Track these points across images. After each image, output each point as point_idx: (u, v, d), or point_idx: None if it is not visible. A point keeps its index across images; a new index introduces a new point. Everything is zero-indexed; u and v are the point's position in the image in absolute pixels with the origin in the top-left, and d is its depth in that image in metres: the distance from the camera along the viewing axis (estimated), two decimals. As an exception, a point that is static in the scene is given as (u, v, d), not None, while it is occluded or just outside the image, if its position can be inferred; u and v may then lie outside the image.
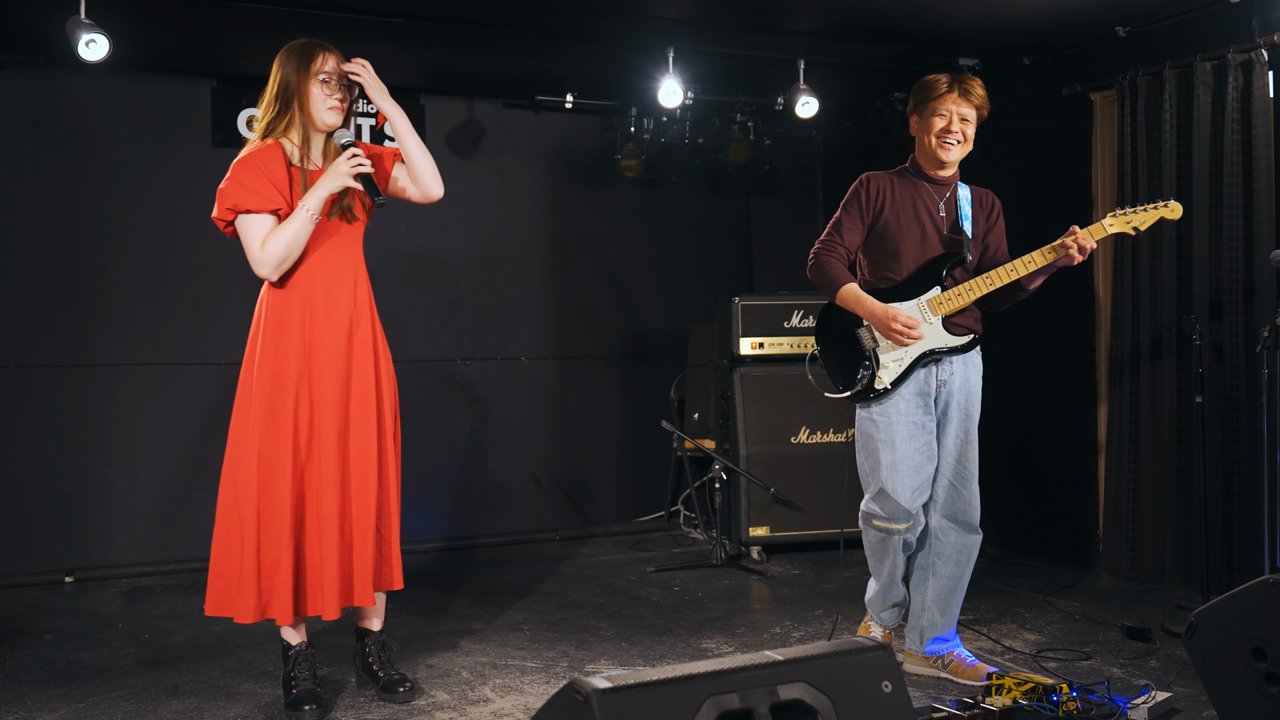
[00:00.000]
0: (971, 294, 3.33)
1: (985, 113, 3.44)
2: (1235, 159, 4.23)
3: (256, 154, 3.09)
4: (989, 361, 3.54)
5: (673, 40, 4.88)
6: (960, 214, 3.44)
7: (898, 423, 3.34)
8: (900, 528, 3.38)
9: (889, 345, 3.36)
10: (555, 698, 1.77)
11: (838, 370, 3.45)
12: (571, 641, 3.92)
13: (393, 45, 4.87)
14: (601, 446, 6.19)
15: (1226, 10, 4.29)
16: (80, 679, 3.53)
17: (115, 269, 5.21)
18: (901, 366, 3.34)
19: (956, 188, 3.47)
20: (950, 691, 3.26)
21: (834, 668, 1.88)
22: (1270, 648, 2.37)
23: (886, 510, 3.37)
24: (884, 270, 3.43)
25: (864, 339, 3.39)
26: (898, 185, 3.44)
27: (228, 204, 3.07)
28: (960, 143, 3.38)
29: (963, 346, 3.38)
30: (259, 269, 3.08)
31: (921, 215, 3.42)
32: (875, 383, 3.35)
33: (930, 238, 3.41)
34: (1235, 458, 4.23)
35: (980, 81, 3.43)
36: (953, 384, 3.39)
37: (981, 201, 3.53)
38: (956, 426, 3.40)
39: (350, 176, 3.03)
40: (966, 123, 3.38)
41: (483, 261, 5.92)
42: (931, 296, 3.36)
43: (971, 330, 3.42)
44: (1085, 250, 3.28)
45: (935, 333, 3.36)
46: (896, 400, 3.34)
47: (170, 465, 5.28)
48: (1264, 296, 4.15)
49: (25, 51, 4.86)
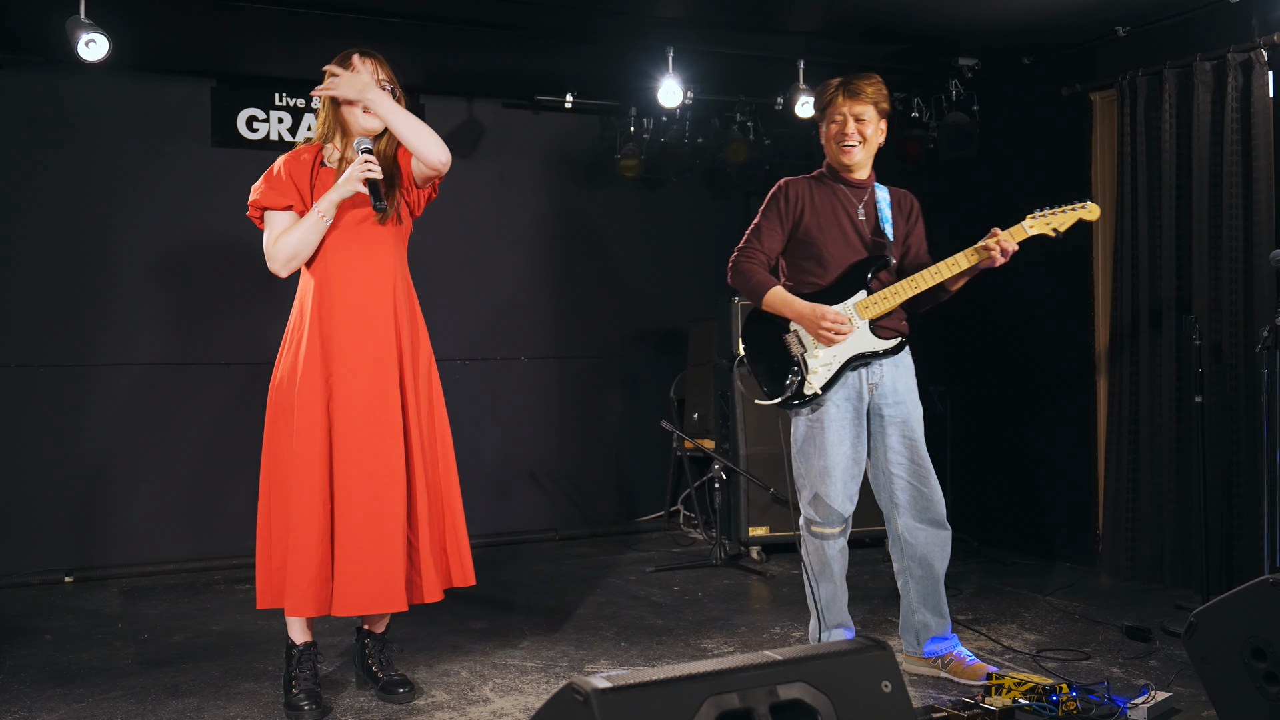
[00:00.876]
0: (898, 297, 3.34)
1: (884, 105, 3.42)
2: (1235, 159, 4.23)
3: (291, 154, 3.20)
4: (990, 361, 3.54)
5: (672, 40, 4.88)
6: (880, 216, 3.44)
7: (829, 427, 3.35)
8: (834, 532, 3.41)
9: (817, 350, 3.36)
10: (555, 698, 1.76)
11: (766, 376, 3.44)
12: (571, 641, 3.92)
13: (392, 45, 4.85)
14: (601, 446, 6.20)
15: (1226, 10, 4.29)
16: (80, 679, 3.53)
17: (115, 269, 5.21)
18: (831, 371, 3.34)
19: (874, 189, 3.48)
20: (950, 691, 3.26)
21: (834, 668, 1.88)
22: (1270, 648, 2.37)
23: (822, 515, 3.39)
24: (807, 275, 3.43)
25: (791, 345, 3.38)
26: (816, 190, 3.46)
27: (253, 201, 3.18)
28: (860, 143, 3.40)
29: (891, 349, 3.37)
30: (269, 263, 3.14)
31: (842, 219, 3.42)
32: (805, 388, 3.35)
33: (852, 241, 3.42)
34: (1235, 458, 4.23)
35: (872, 77, 3.42)
36: (884, 387, 3.39)
37: (900, 203, 3.52)
38: (898, 428, 3.39)
39: (359, 181, 3.04)
40: (863, 123, 3.39)
41: (482, 261, 5.92)
42: (858, 300, 3.37)
43: (899, 332, 3.42)
44: (1007, 252, 3.28)
45: (862, 336, 3.36)
46: (827, 405, 3.36)
47: (170, 465, 5.28)
48: (1264, 296, 4.15)
49: (25, 51, 4.87)
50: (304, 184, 3.13)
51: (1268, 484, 3.86)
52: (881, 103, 3.42)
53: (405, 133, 3.09)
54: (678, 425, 5.78)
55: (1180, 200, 4.46)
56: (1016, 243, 3.30)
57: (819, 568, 3.46)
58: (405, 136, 3.10)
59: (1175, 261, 4.47)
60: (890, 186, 3.54)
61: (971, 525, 5.50)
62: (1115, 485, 4.67)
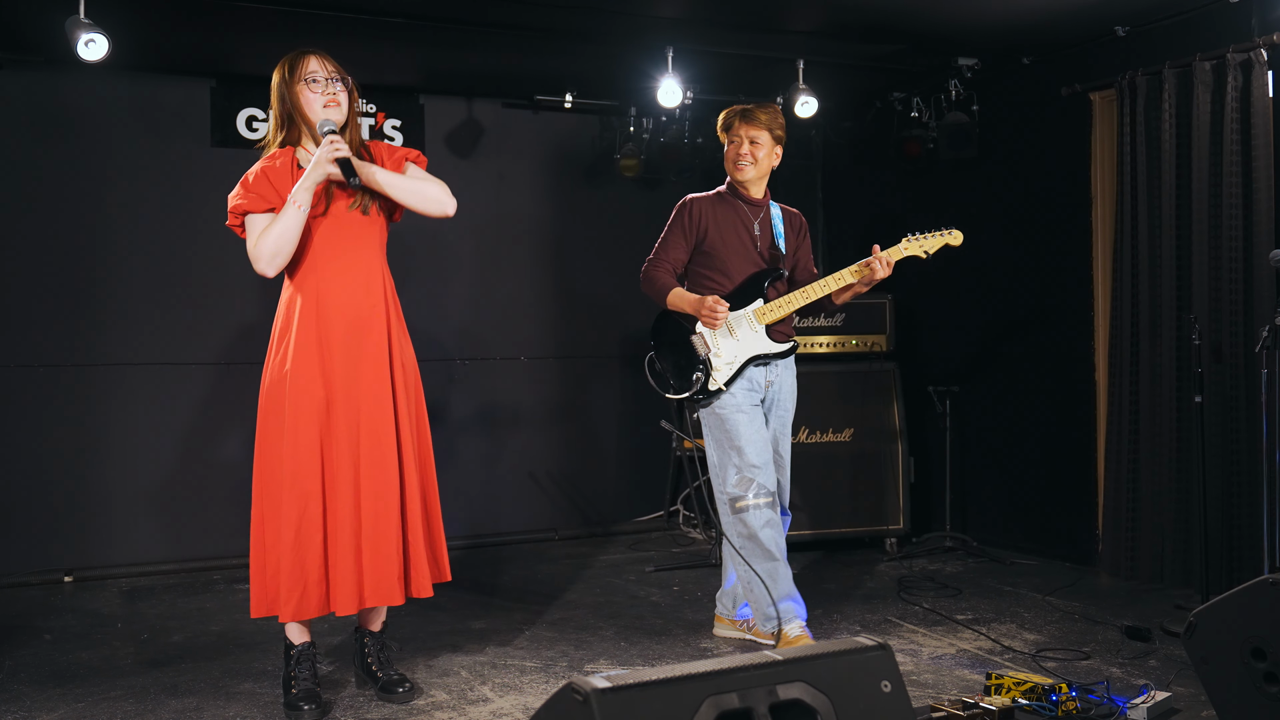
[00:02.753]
0: (791, 305, 3.76)
1: (779, 132, 3.83)
2: (1234, 159, 4.23)
3: (265, 160, 3.18)
4: (989, 361, 3.56)
5: (672, 40, 4.88)
6: (775, 232, 3.88)
7: (737, 411, 3.72)
8: (759, 502, 3.70)
9: (720, 351, 3.74)
10: (554, 697, 1.76)
11: (674, 372, 3.82)
12: (571, 641, 3.92)
13: (392, 45, 4.87)
14: (601, 446, 6.20)
15: (1226, 10, 4.29)
16: (79, 679, 3.53)
17: (115, 269, 5.21)
18: (733, 369, 3.73)
19: (769, 208, 3.90)
20: (949, 691, 3.26)
21: (833, 667, 1.88)
22: (1270, 647, 2.37)
23: (749, 489, 3.70)
24: (709, 285, 3.81)
25: (697, 345, 3.75)
26: (718, 207, 3.86)
27: (232, 208, 3.16)
28: (752, 163, 3.81)
29: (785, 352, 3.83)
30: (255, 264, 3.11)
31: (741, 234, 3.83)
32: (710, 383, 3.72)
33: (751, 254, 3.83)
34: (1235, 458, 4.23)
35: (769, 106, 3.86)
36: (777, 384, 3.84)
37: (791, 221, 3.96)
38: (775, 420, 3.86)
39: (328, 162, 3.04)
40: (756, 145, 3.80)
41: (482, 261, 5.92)
42: (756, 308, 3.77)
43: (790, 337, 3.86)
44: (889, 266, 3.69)
45: (760, 340, 3.78)
46: (733, 393, 3.73)
47: (170, 465, 5.28)
48: (1264, 296, 4.15)
49: (25, 51, 4.86)
50: (284, 186, 3.12)
51: (1268, 484, 3.86)
52: (776, 130, 3.82)
53: (407, 196, 3.15)
54: (678, 425, 5.77)
55: (1180, 200, 4.46)
56: (893, 261, 3.70)
57: (747, 542, 3.70)
58: (407, 202, 3.16)
59: (1175, 261, 4.46)
60: (782, 205, 3.96)
61: (971, 525, 5.50)
62: (1115, 485, 4.67)
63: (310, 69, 3.13)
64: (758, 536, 3.67)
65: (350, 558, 3.09)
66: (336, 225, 3.16)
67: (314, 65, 3.13)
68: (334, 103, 3.13)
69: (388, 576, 3.12)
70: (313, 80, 3.13)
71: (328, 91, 3.13)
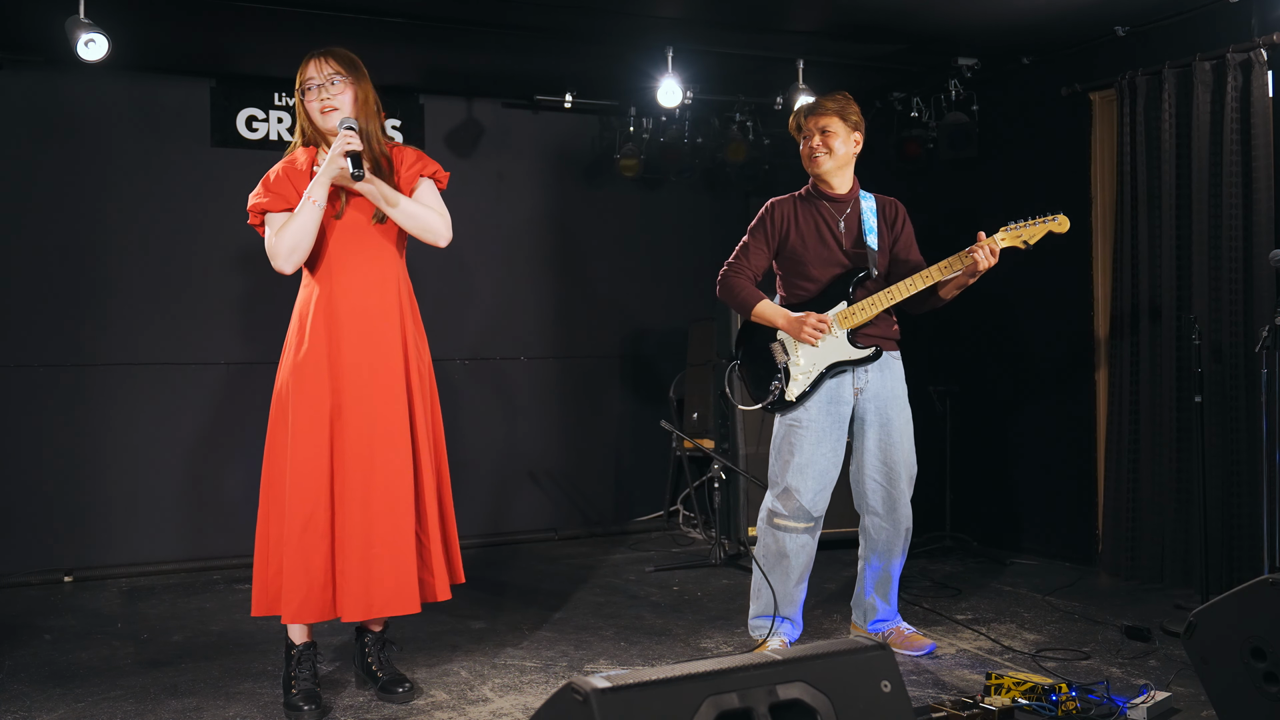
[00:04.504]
0: (876, 307, 3.55)
1: (853, 117, 3.62)
2: (1234, 159, 4.23)
3: (286, 159, 3.21)
4: (989, 361, 3.56)
5: (672, 40, 4.88)
6: (864, 227, 3.64)
7: (809, 429, 3.57)
8: (800, 527, 3.59)
9: (799, 359, 3.59)
10: (554, 697, 1.76)
11: (753, 382, 3.71)
12: (570, 641, 3.92)
13: (392, 45, 4.87)
14: (601, 446, 6.20)
15: (1225, 10, 4.29)
16: (79, 679, 3.53)
17: (115, 269, 5.21)
18: (810, 378, 3.58)
19: (858, 200, 3.68)
20: (949, 691, 3.26)
21: (833, 667, 1.88)
22: (1270, 647, 2.37)
23: (789, 509, 3.58)
24: (797, 289, 3.68)
25: (776, 353, 3.64)
26: (801, 208, 3.67)
27: (251, 207, 3.17)
28: (826, 153, 3.59)
29: (868, 358, 3.58)
30: (273, 261, 3.11)
31: (824, 234, 3.64)
32: (786, 394, 3.59)
33: (835, 256, 3.64)
34: (1235, 457, 4.23)
35: (836, 95, 3.65)
36: (869, 391, 3.61)
37: (885, 211, 3.71)
38: (876, 430, 3.62)
39: (341, 155, 3.03)
40: (828, 134, 3.60)
41: (482, 261, 5.91)
42: (838, 311, 3.60)
43: (877, 342, 3.62)
44: (994, 255, 3.44)
45: (840, 346, 3.58)
46: (808, 408, 3.58)
47: (170, 465, 5.28)
48: (1264, 296, 4.15)
49: (25, 51, 4.86)
50: (303, 185, 3.13)
51: (1268, 484, 3.86)
52: (850, 115, 3.62)
53: (402, 221, 3.15)
54: (677, 425, 5.78)
55: (1180, 200, 4.46)
56: (998, 249, 3.47)
57: (774, 559, 3.63)
58: (403, 225, 3.17)
59: (1175, 261, 4.47)
60: (877, 194, 3.72)
61: (971, 525, 5.50)
62: (1115, 485, 4.67)
63: (307, 75, 3.14)
64: (788, 559, 3.61)
65: (359, 563, 3.08)
66: (353, 228, 3.16)
67: (310, 71, 3.14)
68: (329, 109, 3.12)
69: (402, 585, 3.11)
70: (308, 88, 3.13)
71: (321, 97, 3.12)
